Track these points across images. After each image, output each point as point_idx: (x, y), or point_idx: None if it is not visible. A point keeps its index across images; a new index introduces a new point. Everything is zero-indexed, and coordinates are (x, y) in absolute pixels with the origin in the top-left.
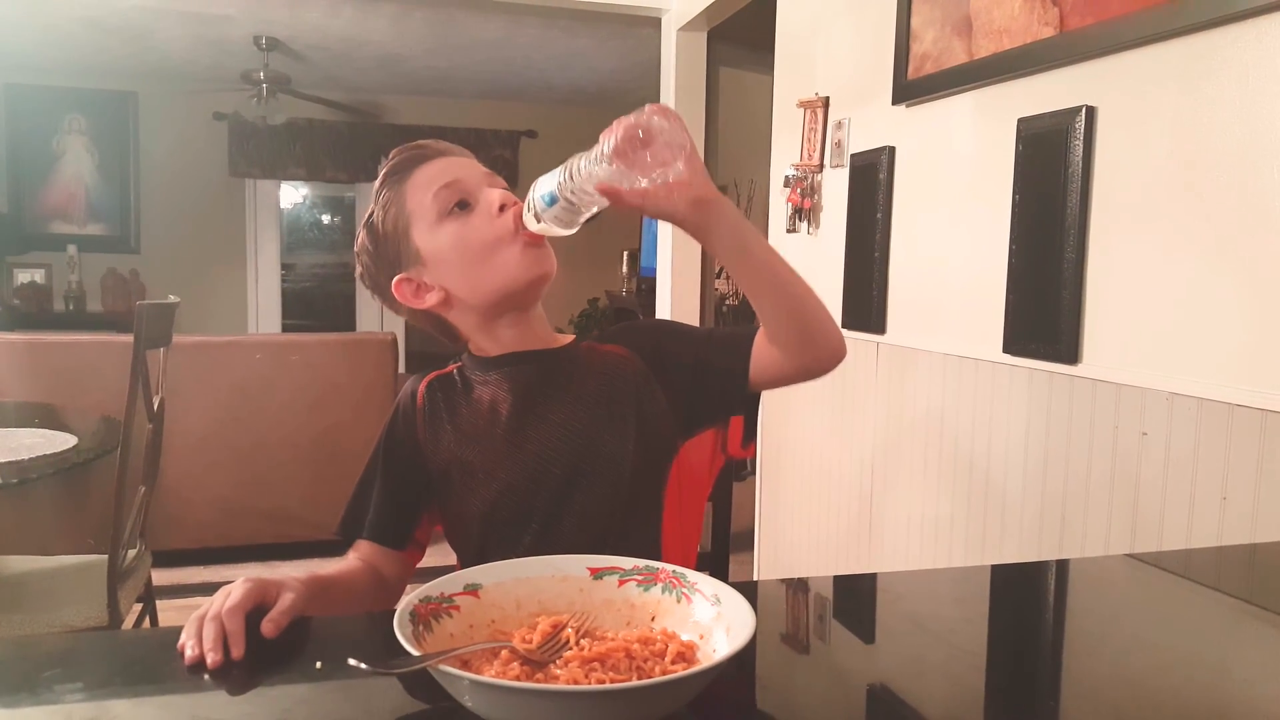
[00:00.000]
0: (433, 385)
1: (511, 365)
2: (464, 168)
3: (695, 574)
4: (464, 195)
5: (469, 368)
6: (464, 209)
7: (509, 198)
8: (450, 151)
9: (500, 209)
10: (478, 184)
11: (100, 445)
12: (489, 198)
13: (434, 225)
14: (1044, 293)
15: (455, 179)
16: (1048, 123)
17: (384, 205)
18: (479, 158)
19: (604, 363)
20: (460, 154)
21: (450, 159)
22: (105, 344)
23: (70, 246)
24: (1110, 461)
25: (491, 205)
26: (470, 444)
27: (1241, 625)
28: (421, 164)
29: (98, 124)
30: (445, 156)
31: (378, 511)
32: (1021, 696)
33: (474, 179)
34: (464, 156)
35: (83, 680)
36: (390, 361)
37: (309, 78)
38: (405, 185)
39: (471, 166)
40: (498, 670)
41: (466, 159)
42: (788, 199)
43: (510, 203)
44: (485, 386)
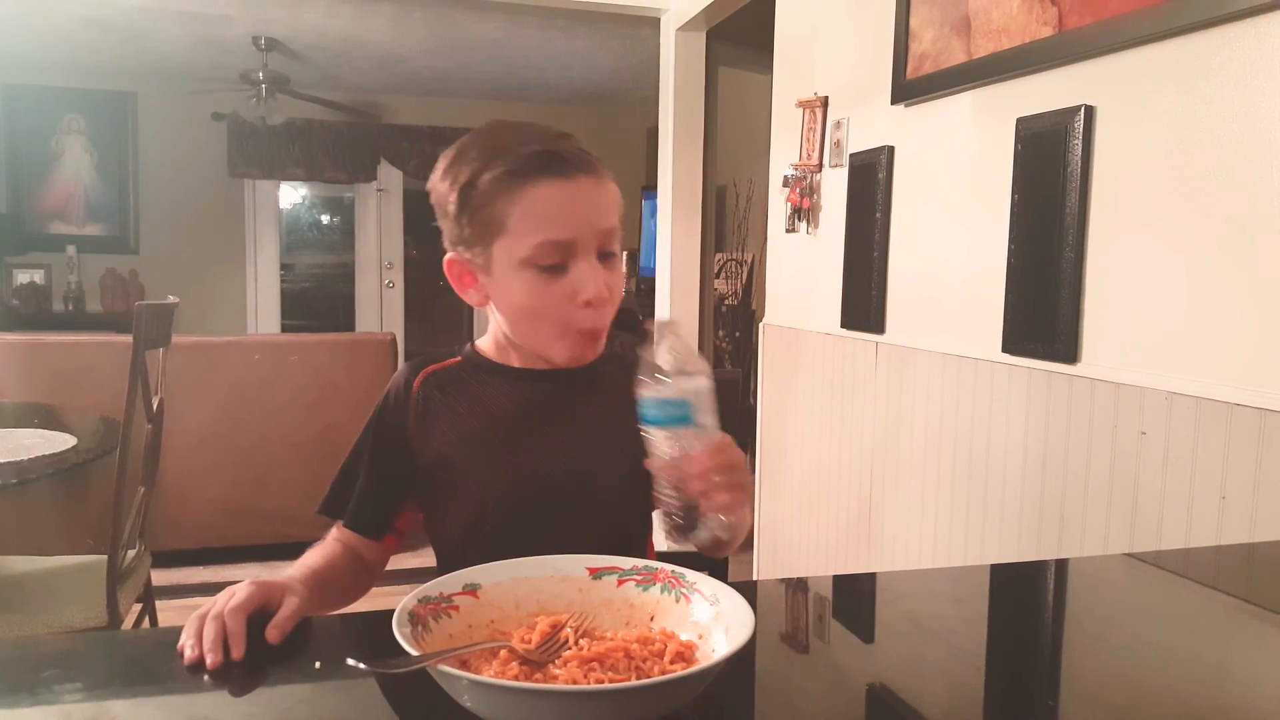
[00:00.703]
0: (431, 379)
1: (524, 381)
2: (586, 217)
3: (694, 574)
4: (565, 260)
5: (475, 367)
6: (554, 267)
7: (600, 292)
8: (585, 169)
9: (587, 304)
10: (588, 246)
11: (99, 446)
12: (582, 277)
13: (518, 264)
14: (1043, 292)
15: (570, 239)
16: (1046, 122)
17: (485, 192)
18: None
19: (618, 393)
20: (594, 174)
21: (581, 186)
22: (104, 344)
23: (69, 247)
24: (1109, 461)
25: (578, 291)
26: (463, 447)
27: (1240, 624)
28: (549, 179)
29: (97, 124)
30: (580, 178)
31: (359, 500)
32: (1020, 696)
33: (588, 238)
34: (596, 180)
35: (82, 680)
36: (390, 362)
37: (308, 78)
38: (518, 193)
39: (594, 214)
40: (497, 670)
41: (596, 189)
42: (787, 199)
43: (599, 300)
44: (489, 391)
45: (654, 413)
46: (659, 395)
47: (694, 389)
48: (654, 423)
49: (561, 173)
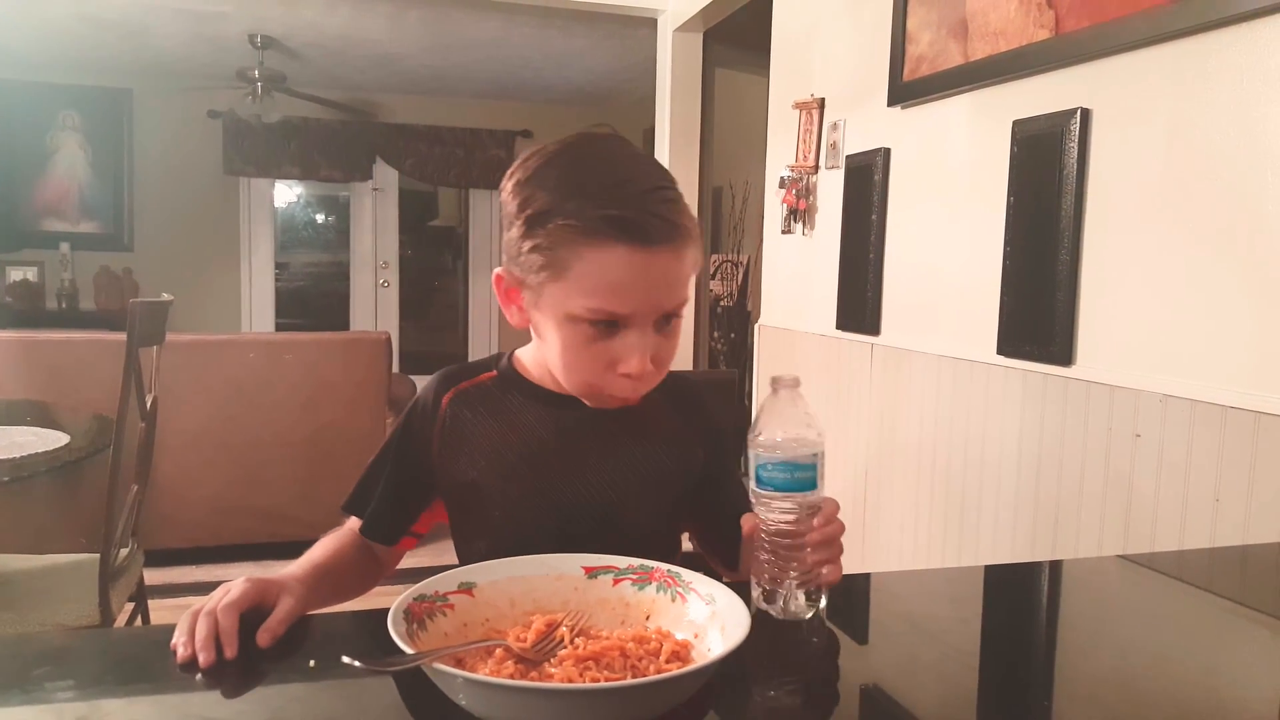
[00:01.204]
0: (460, 397)
1: (563, 408)
2: (654, 292)
3: (690, 573)
4: (616, 321)
5: (510, 386)
6: (602, 333)
7: (643, 367)
8: (670, 240)
9: (625, 375)
10: (645, 319)
11: (93, 444)
12: (629, 348)
13: (566, 315)
14: (1038, 294)
15: (629, 313)
16: (1043, 125)
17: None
18: (473, 158)
19: (662, 434)
20: (676, 248)
21: (659, 261)
22: (98, 342)
23: (63, 244)
24: (1103, 463)
25: (620, 361)
26: (491, 472)
27: (1233, 626)
28: (623, 244)
29: (91, 121)
30: (657, 251)
31: (377, 507)
32: (1015, 696)
33: (648, 312)
34: (677, 252)
35: (74, 678)
36: (384, 361)
37: (304, 76)
38: (586, 249)
39: (663, 290)
40: (492, 669)
41: (675, 263)
42: (783, 200)
43: (641, 375)
44: (523, 414)
45: (775, 476)
46: (782, 458)
47: (819, 452)
48: (773, 486)
49: (638, 240)
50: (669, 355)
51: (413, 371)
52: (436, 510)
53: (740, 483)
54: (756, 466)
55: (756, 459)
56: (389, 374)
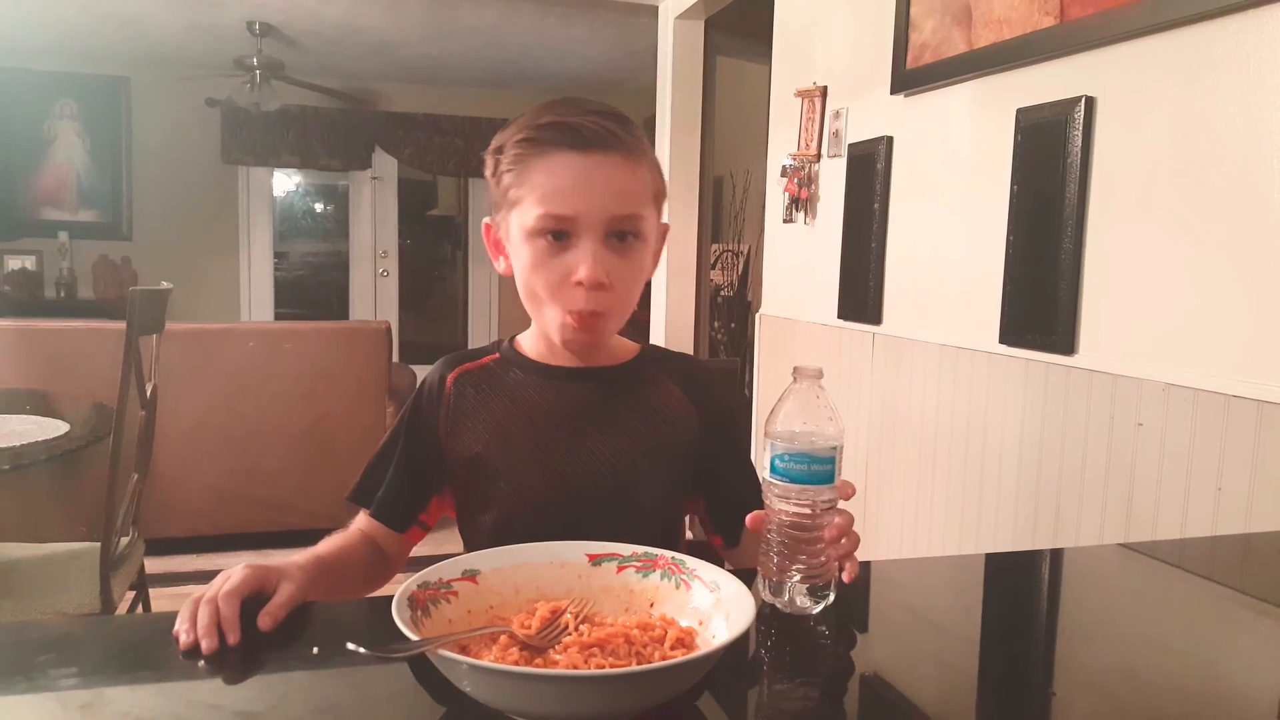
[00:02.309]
0: (465, 377)
1: (562, 379)
2: (596, 196)
3: (694, 560)
4: (566, 230)
5: (511, 365)
6: (558, 239)
7: (595, 275)
8: (606, 145)
9: (578, 284)
10: (593, 226)
11: (92, 432)
12: (580, 256)
13: (527, 234)
14: (1041, 283)
15: (570, 215)
16: (1047, 113)
17: (505, 165)
18: (473, 148)
19: (662, 404)
20: (618, 152)
21: (597, 162)
22: (97, 331)
23: (61, 233)
24: (1105, 452)
25: (573, 270)
26: (496, 446)
27: (1235, 615)
28: (564, 151)
29: (89, 109)
30: (597, 154)
31: (387, 492)
32: (1016, 684)
33: (594, 219)
34: (619, 158)
35: (77, 665)
36: (384, 350)
37: (303, 64)
38: (533, 162)
39: (605, 193)
40: (496, 655)
41: (616, 169)
42: (785, 189)
43: (593, 282)
44: (524, 389)
45: (789, 467)
46: (797, 449)
47: (837, 446)
48: (787, 478)
49: (576, 146)
50: (630, 277)
51: (412, 361)
52: (445, 501)
53: (751, 467)
54: (772, 456)
55: (772, 449)
56: (389, 364)
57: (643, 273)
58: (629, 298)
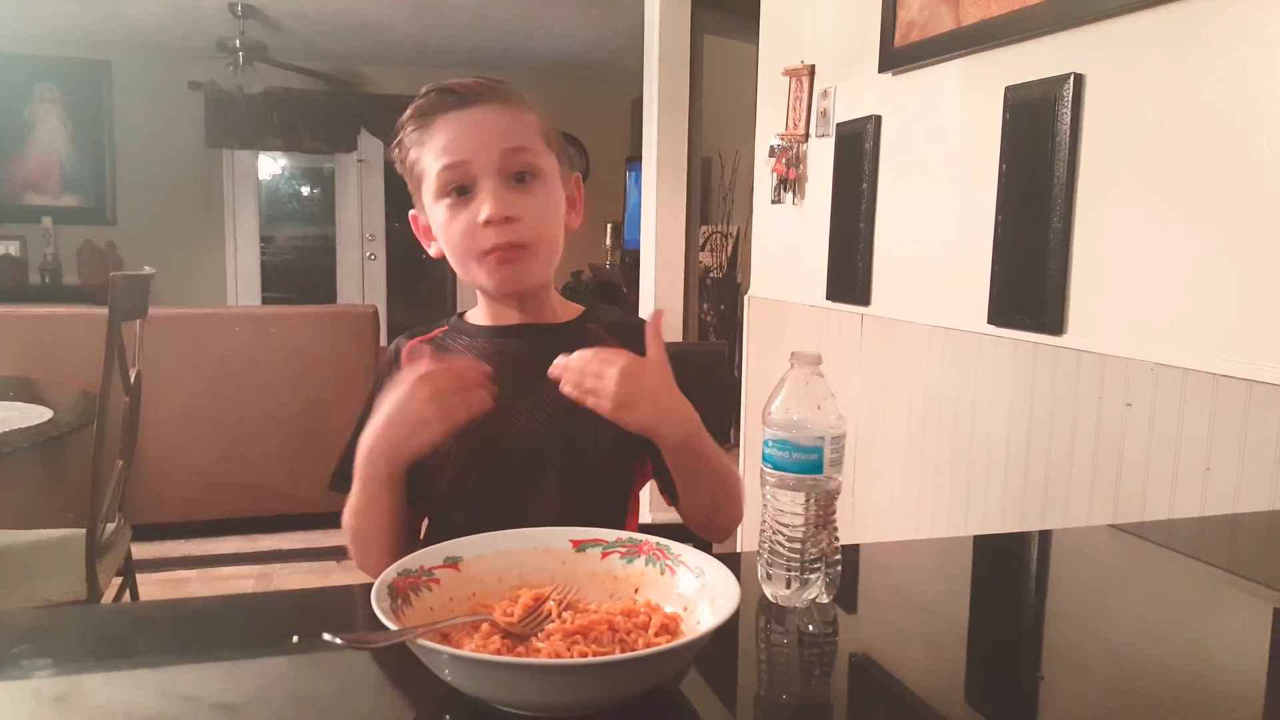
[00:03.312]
0: (416, 349)
1: (500, 337)
2: (483, 139)
3: (679, 546)
4: (465, 182)
5: (459, 333)
6: (463, 194)
7: (498, 210)
8: (484, 98)
9: (486, 222)
10: (488, 168)
11: (77, 419)
12: (482, 198)
13: (435, 197)
14: (1030, 263)
15: (462, 160)
16: (1035, 91)
17: (406, 146)
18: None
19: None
20: (496, 101)
21: (479, 113)
22: (82, 317)
23: (45, 218)
24: (1094, 432)
25: (477, 212)
26: None
27: (1223, 595)
28: (448, 112)
29: (71, 93)
30: (476, 106)
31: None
32: (1004, 666)
33: (486, 160)
34: (499, 106)
35: (53, 656)
36: (372, 334)
37: (286, 46)
38: (428, 133)
39: (491, 135)
40: (478, 644)
41: (497, 114)
42: (772, 169)
43: (498, 217)
44: (472, 352)
45: (774, 454)
46: (784, 436)
47: (828, 436)
48: (771, 464)
49: (456, 105)
50: (538, 211)
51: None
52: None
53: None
54: (763, 441)
55: (763, 433)
56: (376, 347)
57: (552, 210)
58: (545, 232)
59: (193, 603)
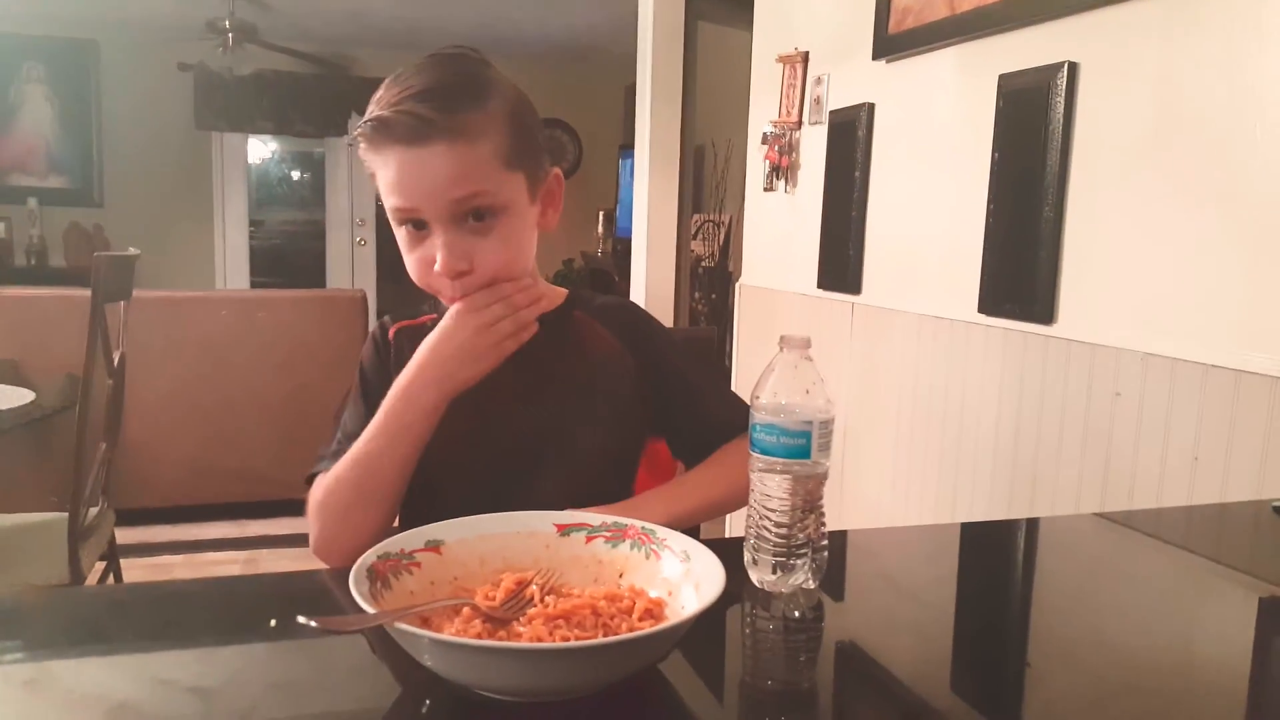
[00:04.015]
0: (403, 332)
1: None
2: (432, 186)
3: (664, 530)
4: (418, 220)
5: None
6: (418, 228)
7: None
8: (429, 137)
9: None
10: (438, 215)
11: (61, 401)
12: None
13: (393, 219)
14: (1021, 253)
15: (412, 206)
16: (1029, 79)
17: (362, 157)
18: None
19: (592, 348)
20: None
21: (425, 155)
22: (66, 298)
23: (31, 199)
24: (1083, 421)
25: (433, 253)
26: None
27: (1210, 584)
28: (395, 145)
29: (57, 73)
30: (421, 147)
31: (342, 447)
32: (991, 654)
33: (436, 207)
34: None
35: (23, 639)
36: (360, 319)
37: (276, 27)
38: (375, 156)
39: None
40: (459, 628)
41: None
42: (765, 157)
43: (452, 272)
44: None
45: (761, 438)
46: (770, 421)
47: (815, 421)
48: (759, 449)
49: (405, 139)
50: (492, 256)
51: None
52: None
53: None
54: (750, 425)
55: (751, 417)
56: (365, 332)
57: (514, 242)
58: (505, 268)
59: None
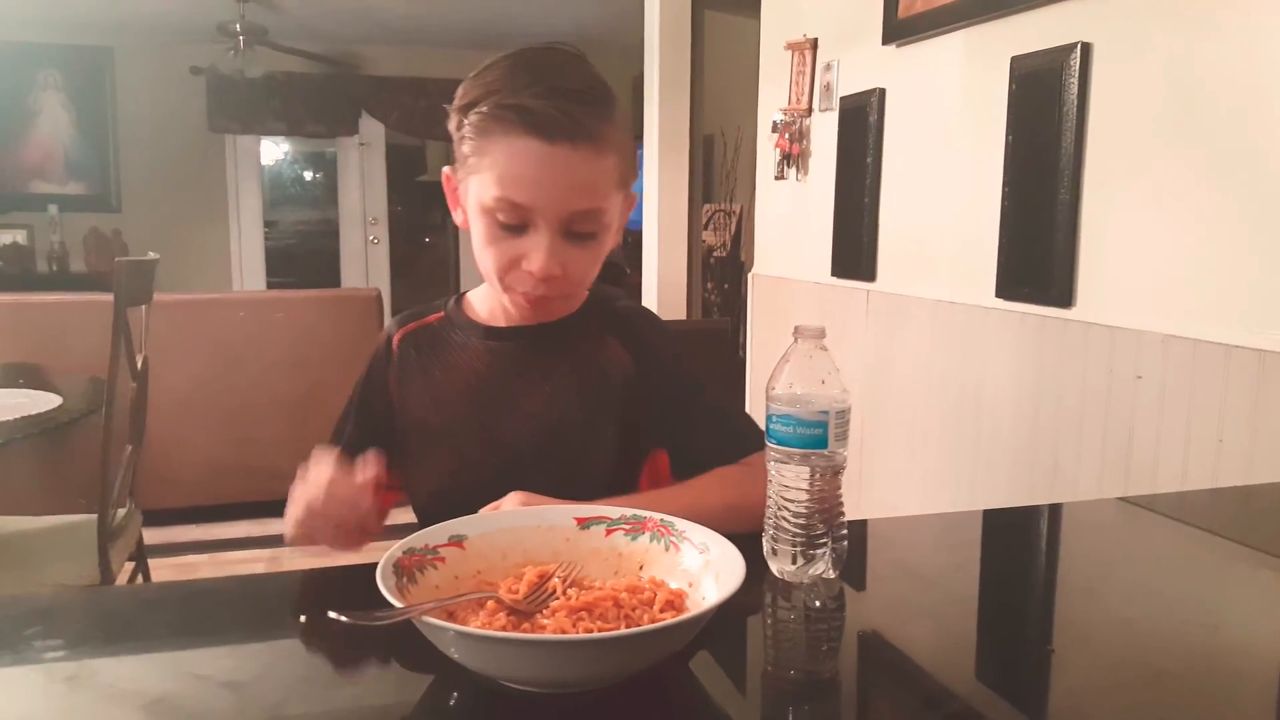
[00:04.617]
0: (409, 338)
1: (497, 339)
2: (555, 190)
3: (684, 522)
4: (519, 221)
5: (453, 325)
6: (515, 223)
7: (548, 270)
8: (571, 135)
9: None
10: (549, 219)
11: (86, 405)
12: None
13: (482, 208)
14: (1037, 236)
15: (528, 205)
16: (1041, 61)
17: (474, 123)
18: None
19: (598, 357)
20: (585, 142)
21: (558, 155)
22: (89, 303)
23: (51, 206)
24: (1104, 405)
25: (526, 259)
26: (437, 411)
27: (1236, 567)
28: (524, 136)
29: (73, 80)
30: (558, 145)
31: (345, 452)
32: (1014, 641)
33: (551, 212)
34: (585, 151)
35: (63, 637)
36: (375, 318)
37: (286, 28)
38: (496, 140)
39: (565, 188)
40: (484, 621)
41: (579, 162)
42: (776, 145)
43: (545, 276)
44: (464, 353)
45: (777, 429)
46: (786, 411)
47: (832, 410)
48: (775, 440)
49: (541, 133)
50: (583, 269)
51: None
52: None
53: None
54: (767, 416)
55: (767, 408)
56: (380, 331)
57: (600, 259)
58: (585, 280)
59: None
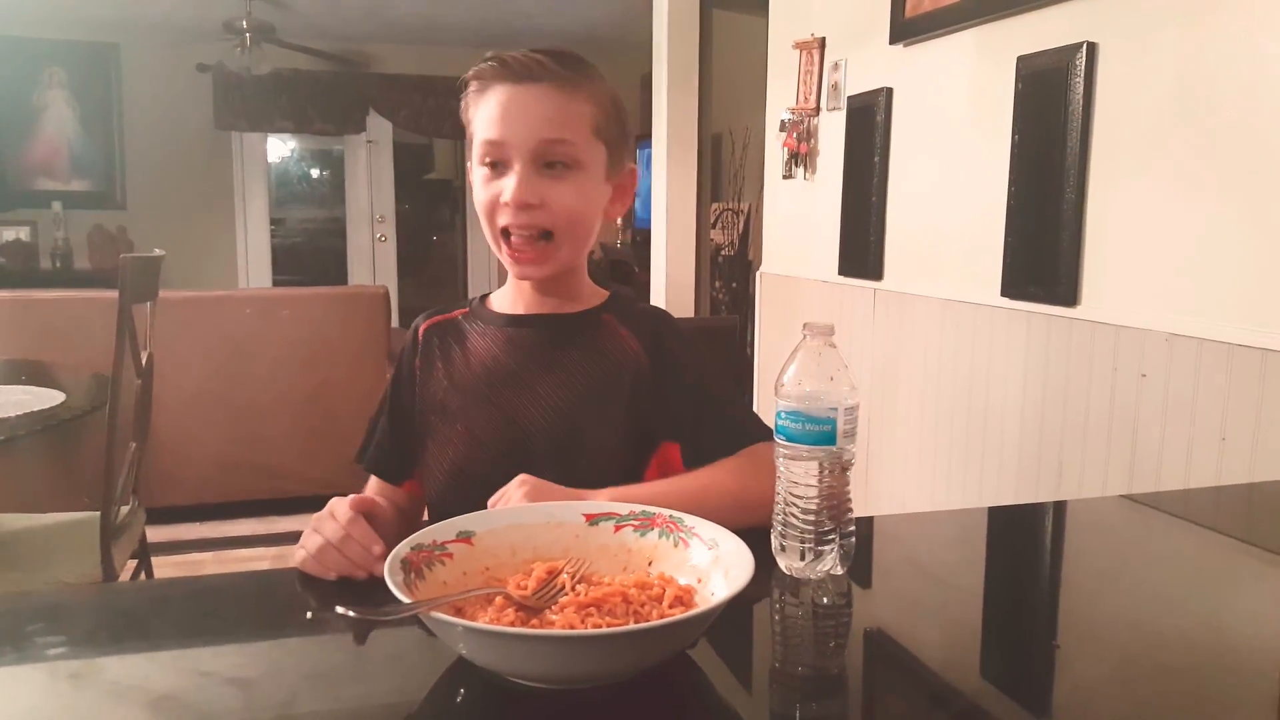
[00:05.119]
0: (434, 328)
1: (512, 326)
2: (524, 122)
3: (692, 518)
4: (500, 158)
5: (475, 317)
6: (496, 168)
7: (521, 196)
8: (536, 76)
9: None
10: (521, 152)
11: (90, 402)
12: (509, 179)
13: (476, 162)
14: (1043, 235)
15: (500, 140)
16: (1048, 60)
17: (465, 103)
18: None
19: (612, 349)
20: (550, 82)
21: (526, 93)
22: (93, 300)
23: (55, 203)
24: (1109, 403)
25: (504, 191)
26: (454, 394)
27: (1239, 565)
28: (502, 83)
29: (79, 77)
30: (527, 85)
31: (378, 446)
32: (1020, 637)
33: (521, 144)
34: (551, 89)
35: (67, 634)
36: (383, 315)
37: (293, 26)
38: (482, 98)
39: (531, 120)
40: (492, 617)
41: (545, 99)
42: (784, 144)
43: (519, 202)
44: (484, 339)
45: (785, 425)
46: (795, 407)
47: (839, 407)
48: (784, 435)
49: (508, 78)
50: (563, 200)
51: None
52: None
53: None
54: (776, 412)
55: (776, 405)
56: (388, 329)
57: (584, 199)
58: (571, 222)
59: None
